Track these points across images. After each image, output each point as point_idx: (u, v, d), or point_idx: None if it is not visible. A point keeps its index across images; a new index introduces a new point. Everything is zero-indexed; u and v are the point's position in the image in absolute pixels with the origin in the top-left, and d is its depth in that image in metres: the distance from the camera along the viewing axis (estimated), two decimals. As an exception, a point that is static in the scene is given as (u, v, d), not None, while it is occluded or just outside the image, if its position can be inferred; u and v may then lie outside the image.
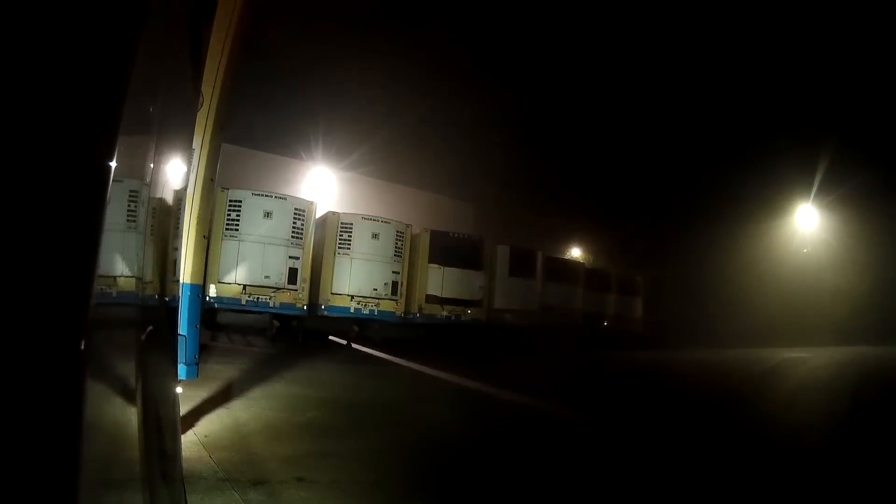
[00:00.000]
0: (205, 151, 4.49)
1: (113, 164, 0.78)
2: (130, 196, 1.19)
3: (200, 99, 4.29)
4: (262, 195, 9.49)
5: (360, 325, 11.34)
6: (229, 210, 9.23)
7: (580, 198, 24.32)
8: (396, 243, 11.00)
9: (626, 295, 18.51)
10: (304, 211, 9.73)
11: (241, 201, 9.28)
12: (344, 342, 11.37)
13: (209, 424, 4.24)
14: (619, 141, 23.70)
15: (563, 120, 23.04)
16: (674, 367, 13.07)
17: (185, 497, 2.46)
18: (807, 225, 26.10)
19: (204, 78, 4.24)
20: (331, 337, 12.19)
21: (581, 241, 26.26)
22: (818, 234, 26.02)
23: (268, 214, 9.30)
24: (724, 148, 23.70)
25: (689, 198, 24.46)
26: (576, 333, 15.27)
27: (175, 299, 4.58)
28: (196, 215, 4.49)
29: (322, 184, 19.32)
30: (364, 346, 11.20)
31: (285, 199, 9.72)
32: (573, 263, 17.12)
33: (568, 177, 24.20)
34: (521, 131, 21.98)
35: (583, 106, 22.49)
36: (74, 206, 0.74)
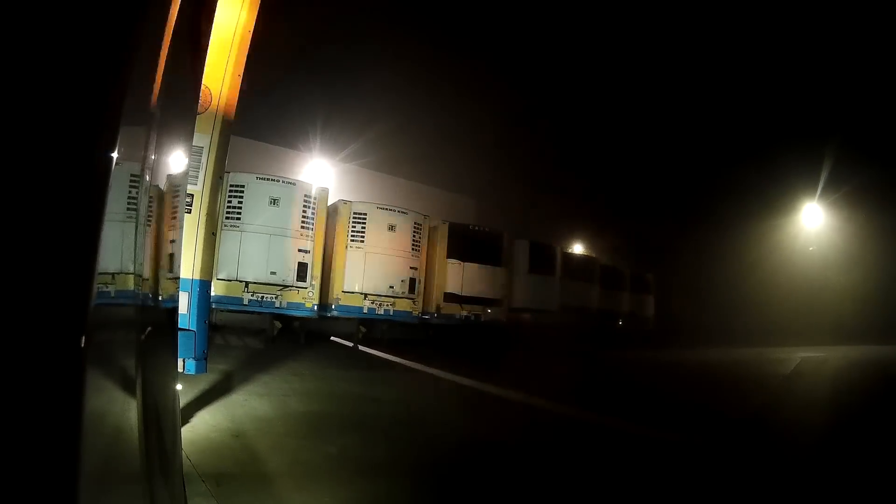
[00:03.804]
0: (213, 149, 4.60)
1: (114, 155, 0.78)
2: (132, 184, 1.11)
3: (210, 96, 4.43)
4: (268, 179, 8.32)
5: (366, 326, 10.37)
6: (230, 196, 8.05)
7: (585, 194, 23.92)
8: (414, 236, 9.96)
9: (638, 293, 18.07)
10: (314, 198, 8.59)
11: (243, 186, 8.10)
12: (346, 343, 10.42)
13: (220, 461, 3.22)
14: (625, 138, 23.30)
15: (570, 117, 22.53)
16: (700, 367, 12.36)
17: (185, 493, 2.23)
18: (812, 223, 26.10)
19: (213, 76, 4.39)
20: (333, 338, 11.23)
21: (585, 238, 25.65)
22: (824, 232, 26.05)
23: (274, 201, 8.14)
24: (728, 145, 23.53)
25: (696, 195, 24.30)
26: (593, 333, 14.64)
27: (176, 297, 4.50)
28: (205, 212, 4.56)
29: (320, 175, 18.30)
30: (373, 348, 10.22)
31: (294, 184, 8.55)
32: (589, 260, 16.36)
33: (573, 173, 23.71)
34: (526, 125, 21.43)
35: (590, 104, 22.06)
36: (75, 201, 0.74)
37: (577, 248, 24.77)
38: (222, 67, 4.40)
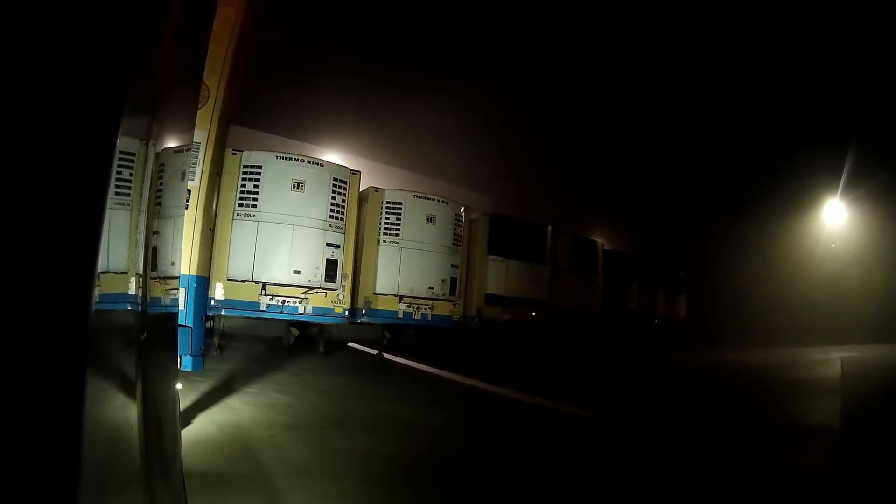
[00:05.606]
0: (210, 146, 4.60)
1: (114, 155, 0.78)
2: (130, 179, 1.06)
3: (207, 92, 4.41)
4: (291, 159, 6.85)
5: (390, 332, 9.09)
6: (244, 179, 6.60)
7: (604, 192, 23.00)
8: (455, 229, 8.59)
9: (672, 292, 17.01)
10: (345, 182, 7.19)
11: (260, 167, 6.64)
12: (367, 350, 9.15)
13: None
14: (643, 136, 22.41)
15: (589, 113, 21.56)
16: (752, 371, 11.30)
17: (185, 495, 2.04)
18: (835, 220, 25.76)
19: (211, 72, 4.42)
20: (350, 344, 9.96)
21: (608, 234, 24.76)
22: (846, 230, 25.73)
23: (298, 186, 6.69)
24: (745, 143, 22.74)
25: (717, 193, 23.54)
26: (632, 334, 13.54)
27: (176, 299, 4.21)
28: (202, 208, 4.61)
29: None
30: (400, 356, 8.93)
31: (321, 164, 7.06)
32: (627, 257, 15.20)
33: (591, 171, 22.76)
34: (546, 119, 20.42)
35: (610, 99, 21.09)
36: (75, 201, 0.72)
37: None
38: (220, 63, 4.40)
